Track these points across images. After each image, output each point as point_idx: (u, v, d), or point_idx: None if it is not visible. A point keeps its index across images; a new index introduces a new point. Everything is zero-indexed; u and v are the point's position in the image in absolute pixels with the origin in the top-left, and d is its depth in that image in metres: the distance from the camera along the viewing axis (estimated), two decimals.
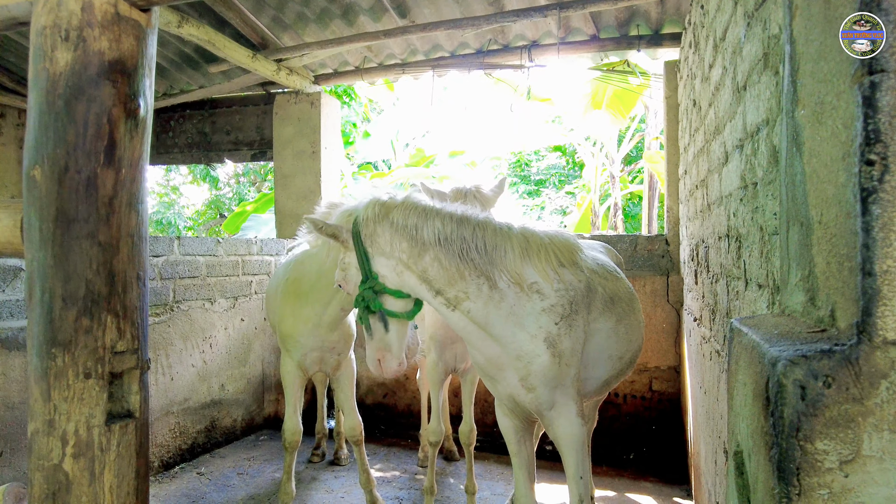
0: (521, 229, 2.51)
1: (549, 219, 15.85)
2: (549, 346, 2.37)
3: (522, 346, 2.37)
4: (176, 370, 4.70)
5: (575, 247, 2.63)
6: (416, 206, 2.39)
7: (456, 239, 2.31)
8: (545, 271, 2.43)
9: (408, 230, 2.32)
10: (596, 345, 2.62)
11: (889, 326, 0.95)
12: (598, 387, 2.79)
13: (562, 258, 2.51)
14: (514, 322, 2.36)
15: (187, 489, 4.36)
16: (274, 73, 5.67)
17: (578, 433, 2.49)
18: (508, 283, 2.37)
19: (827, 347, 1.01)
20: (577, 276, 2.55)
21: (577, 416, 2.49)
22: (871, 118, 0.96)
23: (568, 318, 2.42)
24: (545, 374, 2.38)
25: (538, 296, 2.40)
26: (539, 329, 2.37)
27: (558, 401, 2.46)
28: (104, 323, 1.79)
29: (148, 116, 1.93)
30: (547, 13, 4.64)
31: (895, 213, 0.95)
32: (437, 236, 2.30)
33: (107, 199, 1.80)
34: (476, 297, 2.32)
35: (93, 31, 1.75)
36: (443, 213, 2.38)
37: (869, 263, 0.97)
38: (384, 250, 2.36)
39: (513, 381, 2.48)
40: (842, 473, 0.96)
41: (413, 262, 2.33)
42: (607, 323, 2.66)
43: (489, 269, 2.33)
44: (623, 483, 4.57)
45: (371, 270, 2.38)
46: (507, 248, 2.38)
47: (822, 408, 0.98)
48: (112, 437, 1.80)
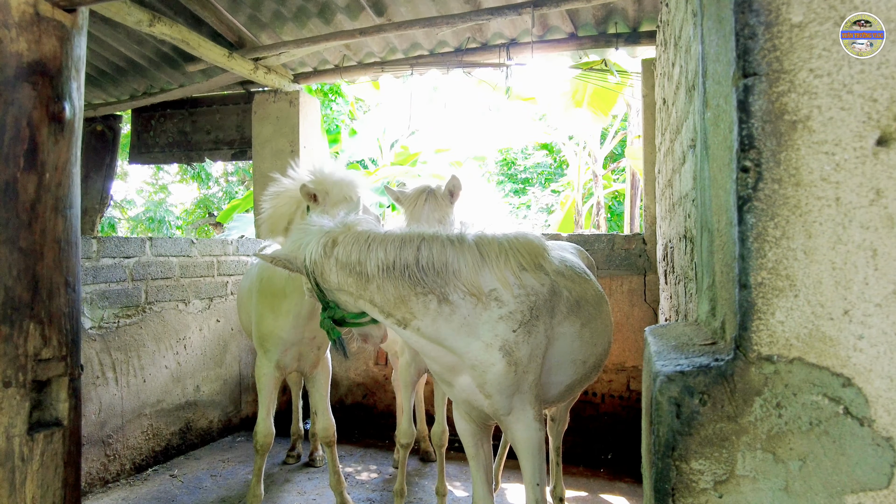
0: (476, 238, 2.45)
1: (534, 217, 15.81)
2: (504, 355, 2.34)
3: (477, 356, 2.35)
4: (148, 372, 4.67)
5: (539, 249, 2.57)
6: (357, 239, 2.39)
7: (399, 265, 2.31)
8: (504, 277, 2.39)
9: (351, 266, 2.34)
10: (560, 349, 2.58)
11: (763, 341, 0.91)
12: (561, 391, 2.75)
13: (524, 262, 2.46)
14: (468, 332, 2.34)
15: (158, 492, 4.34)
16: (251, 71, 5.63)
17: (535, 438, 2.47)
18: (463, 295, 2.34)
19: (706, 363, 0.98)
20: (541, 279, 2.50)
21: (535, 421, 2.47)
22: (746, 123, 0.92)
23: (527, 325, 2.39)
24: (501, 382, 2.36)
25: (496, 303, 2.37)
26: (495, 337, 2.34)
27: (516, 406, 2.44)
28: (26, 330, 1.75)
29: (76, 119, 1.89)
30: (522, 11, 4.59)
31: (769, 223, 0.91)
32: (379, 267, 2.31)
33: (28, 205, 1.76)
34: (423, 315, 2.32)
35: (9, 32, 1.71)
36: (386, 240, 2.37)
37: (744, 275, 0.93)
38: (334, 285, 2.39)
39: (469, 387, 2.46)
40: (716, 494, 0.92)
41: (361, 292, 2.36)
42: (572, 327, 2.62)
43: (438, 286, 2.31)
44: (598, 483, 4.53)
45: (327, 301, 2.45)
46: (458, 261, 2.34)
47: (698, 426, 0.94)
48: (35, 447, 1.76)
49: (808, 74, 0.85)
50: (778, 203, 0.87)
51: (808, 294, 0.87)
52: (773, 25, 0.85)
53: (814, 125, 0.86)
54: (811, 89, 0.86)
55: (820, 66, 0.85)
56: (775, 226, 0.87)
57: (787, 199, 0.87)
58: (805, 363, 0.88)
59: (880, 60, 0.84)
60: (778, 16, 0.85)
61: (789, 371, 0.89)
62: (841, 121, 0.85)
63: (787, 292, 0.88)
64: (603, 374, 5.09)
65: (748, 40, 0.87)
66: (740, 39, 0.87)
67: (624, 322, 5.03)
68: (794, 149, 0.86)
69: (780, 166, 0.86)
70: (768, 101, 0.88)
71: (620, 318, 5.05)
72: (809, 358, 0.88)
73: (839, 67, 0.85)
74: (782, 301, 0.88)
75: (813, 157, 0.86)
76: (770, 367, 0.90)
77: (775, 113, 0.86)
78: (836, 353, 0.87)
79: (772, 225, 0.87)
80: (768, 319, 0.90)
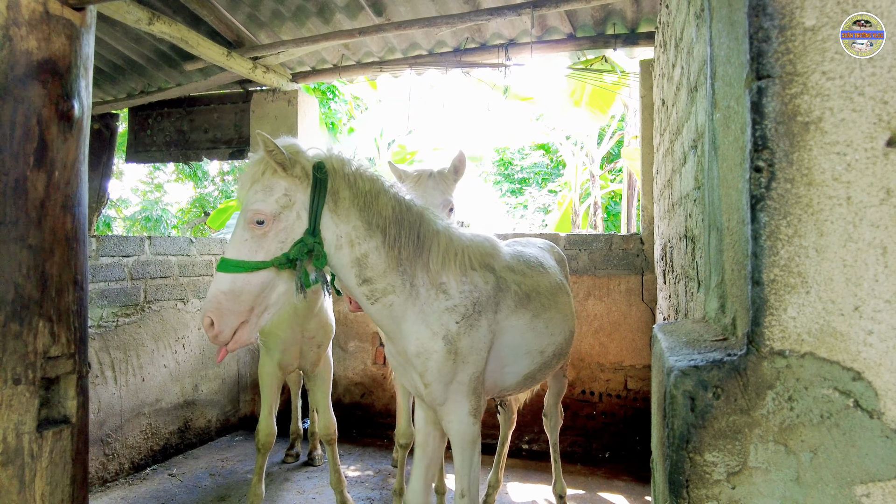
0: (446, 228, 2.54)
1: (531, 217, 15.85)
2: (446, 344, 2.40)
3: (423, 343, 2.40)
4: (147, 371, 4.67)
5: (489, 250, 2.70)
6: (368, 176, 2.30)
7: (405, 219, 2.29)
8: (456, 272, 2.48)
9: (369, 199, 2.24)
10: (511, 341, 2.68)
11: (776, 336, 0.94)
12: (519, 381, 2.85)
13: (474, 261, 2.57)
14: (423, 319, 2.39)
15: (157, 491, 4.34)
16: (250, 70, 5.62)
17: (468, 431, 2.52)
18: (423, 279, 2.39)
19: (719, 357, 1.00)
20: (486, 277, 2.61)
21: (469, 416, 2.52)
22: (759, 124, 0.94)
23: (470, 319, 2.46)
24: (440, 369, 2.42)
25: (444, 295, 2.44)
26: (441, 327, 2.40)
27: (451, 397, 2.49)
28: (35, 328, 1.76)
29: (84, 118, 1.90)
30: (521, 11, 4.61)
31: (782, 221, 0.93)
32: (393, 213, 2.25)
33: (38, 202, 1.77)
34: (401, 292, 2.32)
35: (20, 30, 1.71)
36: (391, 191, 2.35)
37: (757, 272, 0.95)
38: (340, 213, 2.19)
39: (413, 374, 2.53)
40: (729, 485, 0.95)
41: (359, 242, 2.23)
42: (521, 319, 2.71)
43: (415, 263, 2.34)
44: (596, 482, 4.56)
45: (318, 229, 2.18)
46: (434, 243, 2.41)
47: (711, 419, 0.96)
48: (44, 444, 1.77)
49: (821, 77, 0.88)
50: (790, 202, 0.89)
51: (820, 290, 0.90)
52: (787, 29, 0.88)
53: (826, 126, 0.88)
54: (823, 91, 0.88)
55: (832, 69, 0.88)
56: (788, 224, 0.90)
57: (799, 198, 0.89)
58: (816, 358, 0.90)
59: (891, 63, 0.86)
60: (791, 19, 0.88)
61: (801, 365, 0.91)
62: (852, 122, 0.88)
63: (798, 289, 0.90)
64: (600, 374, 5.13)
65: (762, 43, 0.89)
66: (754, 42, 0.89)
67: (622, 321, 5.07)
68: (807, 149, 0.89)
69: (792, 166, 0.89)
70: (781, 102, 0.90)
71: (618, 317, 5.09)
72: (820, 353, 0.91)
73: (851, 70, 0.87)
74: (794, 297, 0.90)
75: (825, 158, 0.89)
76: (782, 362, 0.92)
77: (788, 114, 0.89)
78: (847, 347, 0.89)
79: (784, 223, 0.90)
80: (780, 315, 0.92)
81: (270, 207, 2.12)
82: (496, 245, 2.80)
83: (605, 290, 5.12)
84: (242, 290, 2.05)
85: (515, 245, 3.22)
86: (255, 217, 2.11)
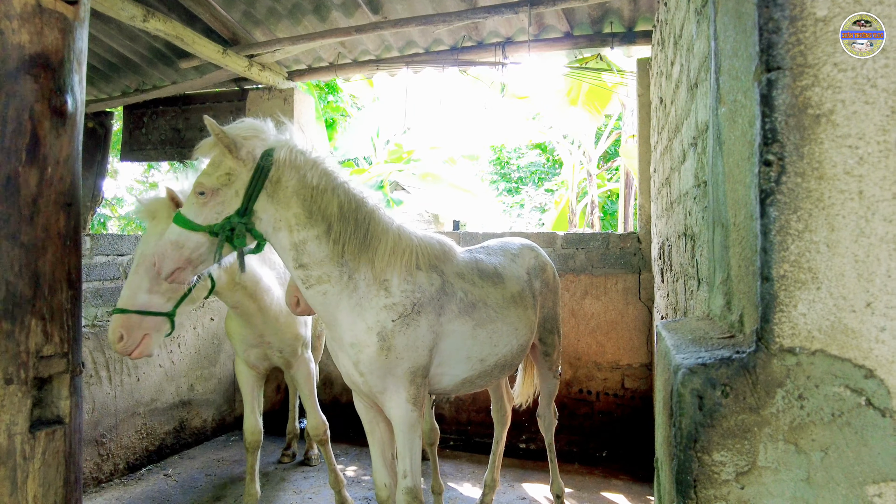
0: (399, 227, 2.64)
1: (528, 216, 15.84)
2: (380, 340, 2.49)
3: (358, 336, 2.50)
4: (142, 371, 4.63)
5: (439, 253, 2.77)
6: (323, 170, 2.41)
7: (353, 218, 2.41)
8: (400, 270, 2.57)
9: (318, 192, 2.36)
10: (451, 345, 2.74)
11: (786, 333, 0.92)
12: (457, 384, 2.89)
13: (421, 261, 2.65)
14: (358, 312, 2.49)
15: (152, 491, 4.30)
16: (245, 68, 5.59)
17: (407, 417, 2.61)
18: (366, 274, 2.49)
19: (727, 355, 0.98)
20: (431, 279, 2.67)
21: (407, 403, 2.62)
22: (769, 117, 0.92)
23: (407, 318, 2.54)
24: (372, 363, 2.52)
25: (385, 293, 2.53)
26: (376, 322, 2.49)
27: (389, 388, 2.59)
28: (28, 326, 1.73)
29: (78, 113, 1.87)
30: (518, 10, 4.60)
31: (792, 216, 0.91)
32: (340, 210, 2.38)
33: (30, 199, 1.74)
34: (336, 283, 2.44)
35: (11, 24, 1.68)
36: (349, 188, 2.46)
37: (767, 268, 0.93)
38: (279, 200, 2.35)
39: (347, 363, 2.63)
40: (738, 485, 0.93)
41: (298, 228, 2.37)
42: (463, 326, 2.77)
43: (359, 259, 2.45)
44: (594, 481, 4.55)
45: (253, 209, 2.34)
46: (382, 242, 2.52)
47: (720, 418, 0.94)
48: (37, 445, 1.74)
49: (833, 69, 0.86)
50: (801, 196, 0.88)
51: (831, 286, 0.88)
52: (798, 20, 0.86)
53: (837, 119, 0.87)
54: (835, 83, 0.86)
55: (844, 60, 0.86)
56: (798, 219, 0.88)
57: (810, 193, 0.88)
58: (827, 355, 0.89)
59: None
60: (802, 10, 0.86)
61: (811, 363, 0.90)
62: (864, 115, 0.86)
63: (809, 285, 0.89)
64: (598, 373, 5.12)
65: (772, 34, 0.87)
66: (764, 34, 0.88)
67: (619, 320, 5.06)
68: (818, 142, 0.87)
69: (803, 160, 0.87)
70: (792, 95, 0.88)
71: (615, 316, 5.08)
72: (831, 350, 0.89)
73: (863, 62, 0.86)
74: (805, 293, 0.89)
75: (836, 151, 0.87)
76: (792, 359, 0.91)
77: (799, 107, 0.87)
78: (859, 344, 0.88)
79: (794, 218, 0.88)
80: (790, 312, 0.90)
81: (211, 182, 2.34)
82: (449, 250, 2.87)
83: (603, 289, 5.11)
84: (183, 244, 2.33)
85: (478, 252, 3.20)
86: (198, 188, 2.35)
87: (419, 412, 2.66)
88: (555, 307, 3.61)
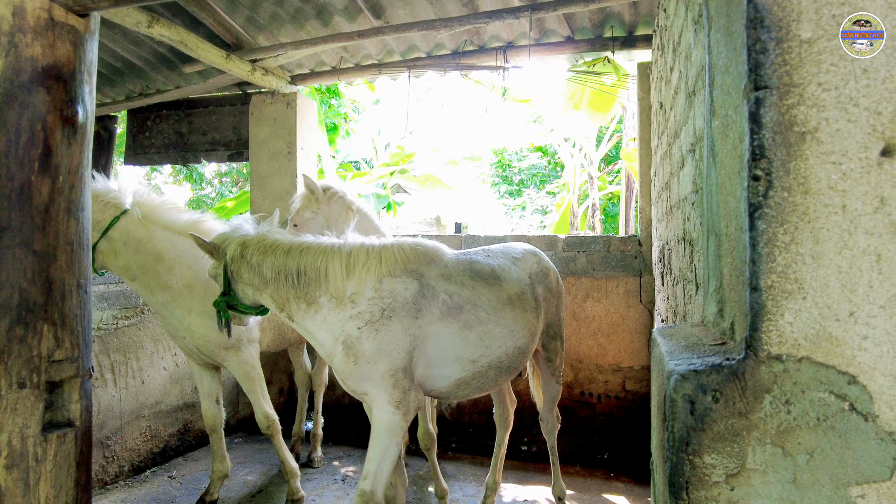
0: (352, 247, 2.86)
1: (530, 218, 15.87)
2: (345, 348, 2.72)
3: (327, 346, 2.81)
4: (147, 373, 4.67)
5: (421, 256, 2.92)
6: (260, 245, 2.89)
7: (282, 273, 2.82)
8: (363, 283, 2.77)
9: (256, 269, 2.86)
10: (437, 346, 2.84)
11: (773, 341, 0.96)
12: (450, 385, 2.95)
13: (392, 268, 2.82)
14: (326, 328, 2.79)
15: (157, 493, 4.34)
16: (249, 73, 5.64)
17: (387, 420, 2.73)
18: (329, 297, 2.78)
19: (718, 362, 1.02)
20: (406, 284, 2.81)
21: (389, 405, 2.74)
22: (757, 134, 0.96)
23: (375, 324, 2.72)
24: (342, 370, 2.76)
25: (351, 304, 2.76)
26: (341, 333, 2.74)
27: (370, 391, 2.76)
28: (40, 332, 1.77)
29: (88, 123, 1.91)
30: (520, 15, 4.64)
31: (779, 228, 0.95)
32: (274, 272, 2.82)
33: (43, 207, 1.78)
34: (296, 313, 2.84)
35: (25, 37, 1.73)
36: (278, 249, 2.86)
37: (755, 278, 0.97)
38: (244, 280, 2.91)
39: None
40: (728, 487, 0.97)
41: (262, 289, 2.89)
42: (448, 328, 2.85)
43: (308, 292, 2.79)
44: (595, 483, 4.58)
45: (231, 289, 2.95)
46: (328, 269, 2.79)
47: (710, 422, 0.98)
48: (49, 447, 1.78)
49: (817, 88, 0.90)
50: (787, 210, 0.91)
51: (816, 296, 0.92)
52: (784, 41, 0.90)
53: (822, 136, 0.91)
54: (819, 102, 0.90)
55: (828, 80, 0.90)
56: (785, 231, 0.92)
57: (795, 207, 0.92)
58: (813, 362, 0.93)
59: (885, 75, 0.89)
60: (788, 32, 0.90)
61: (798, 369, 0.93)
62: (847, 132, 0.90)
63: (795, 295, 0.93)
64: (599, 375, 5.15)
65: (759, 55, 0.91)
66: (752, 54, 0.92)
67: (620, 323, 5.09)
68: (803, 158, 0.91)
69: (789, 175, 0.91)
70: (778, 113, 0.92)
71: (616, 319, 5.11)
72: (817, 357, 0.93)
73: (846, 81, 0.90)
74: (791, 303, 0.93)
75: (821, 167, 0.91)
76: (779, 366, 0.94)
77: (785, 124, 0.91)
78: (842, 352, 0.92)
79: (781, 231, 0.92)
80: (778, 320, 0.94)
81: (209, 272, 3.10)
82: (430, 252, 2.99)
83: (604, 291, 5.15)
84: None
85: (476, 254, 3.25)
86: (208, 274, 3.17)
87: (403, 418, 2.74)
88: (558, 313, 3.62)
